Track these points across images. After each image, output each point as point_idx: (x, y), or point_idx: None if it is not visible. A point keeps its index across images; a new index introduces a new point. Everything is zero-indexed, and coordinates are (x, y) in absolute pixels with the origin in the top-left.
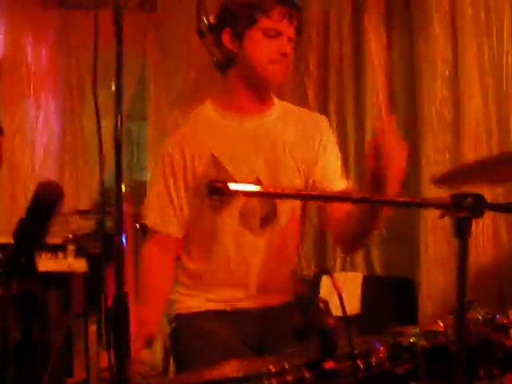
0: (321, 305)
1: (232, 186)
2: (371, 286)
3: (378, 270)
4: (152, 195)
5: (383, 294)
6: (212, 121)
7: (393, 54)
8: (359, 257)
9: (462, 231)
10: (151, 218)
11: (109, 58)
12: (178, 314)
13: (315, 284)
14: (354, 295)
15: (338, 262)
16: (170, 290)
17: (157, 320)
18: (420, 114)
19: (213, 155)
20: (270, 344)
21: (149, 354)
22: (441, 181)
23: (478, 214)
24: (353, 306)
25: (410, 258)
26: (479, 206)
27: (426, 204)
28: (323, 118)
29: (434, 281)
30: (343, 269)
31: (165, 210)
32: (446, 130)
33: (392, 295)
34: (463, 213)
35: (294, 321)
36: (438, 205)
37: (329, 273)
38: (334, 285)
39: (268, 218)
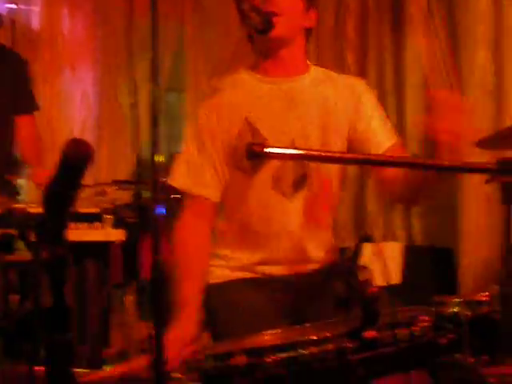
0: (363, 273)
1: (270, 150)
2: (412, 255)
3: (419, 239)
4: (186, 157)
5: (424, 263)
6: (247, 84)
7: (434, 21)
8: (399, 226)
9: (507, 196)
10: (184, 180)
11: (146, 30)
12: (208, 285)
13: (357, 252)
14: (395, 265)
15: (378, 231)
16: (208, 262)
17: (196, 312)
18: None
19: (246, 118)
20: (307, 312)
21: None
22: (482, 144)
23: None
24: (393, 275)
25: (451, 228)
26: None
27: (470, 169)
28: (362, 81)
29: (475, 251)
30: (384, 238)
31: (201, 172)
32: (487, 98)
33: (432, 265)
34: (509, 177)
35: (335, 289)
36: (483, 169)
37: (371, 240)
38: (377, 252)
39: (301, 182)
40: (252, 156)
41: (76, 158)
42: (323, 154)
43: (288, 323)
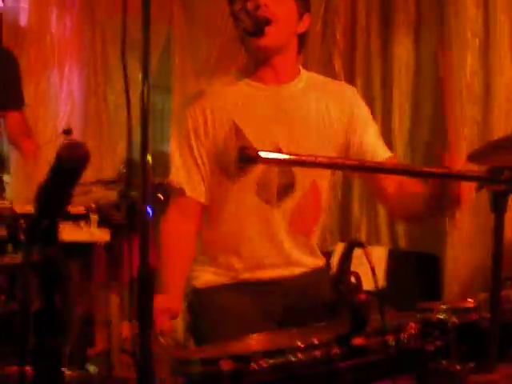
0: (352, 279)
1: (263, 154)
2: (396, 260)
3: (403, 244)
4: (177, 156)
5: (408, 268)
6: (236, 89)
7: (421, 27)
8: (384, 231)
9: (498, 206)
10: (178, 178)
11: (132, 29)
12: (194, 288)
13: (347, 257)
14: (379, 269)
15: (363, 235)
16: (191, 260)
17: (180, 293)
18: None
19: (234, 122)
20: (293, 316)
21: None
22: (472, 157)
23: None
24: (377, 279)
25: (436, 234)
26: None
27: (462, 177)
28: (352, 88)
29: (461, 258)
30: (368, 242)
31: (191, 172)
32: (475, 102)
33: (417, 270)
34: (500, 187)
35: (322, 294)
36: (474, 178)
37: (361, 245)
38: (367, 257)
39: (286, 190)
40: (244, 160)
41: (71, 161)
42: (317, 159)
43: (274, 328)
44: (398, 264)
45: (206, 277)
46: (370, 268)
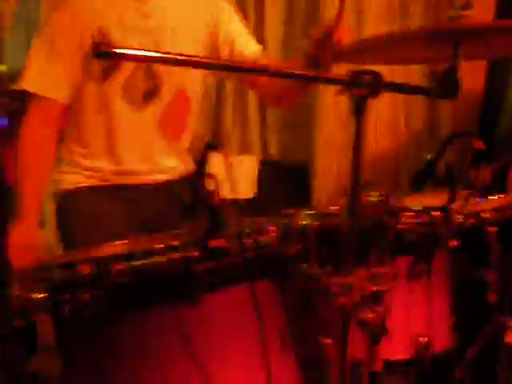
0: (208, 181)
1: (118, 50)
2: (268, 170)
3: (275, 154)
4: (36, 57)
5: (280, 178)
6: None
7: None
8: (255, 141)
9: (358, 109)
10: (34, 82)
11: None
12: (63, 190)
13: (203, 159)
14: (251, 178)
15: (234, 144)
16: (52, 166)
17: (37, 218)
18: None
19: (102, 27)
20: (158, 221)
21: (43, 234)
22: (338, 57)
23: (376, 92)
24: (249, 189)
25: (306, 144)
26: (377, 83)
27: (321, 79)
28: None
29: (329, 166)
30: (240, 152)
31: (53, 73)
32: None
33: (289, 180)
34: (361, 91)
35: (181, 197)
36: (333, 80)
37: (216, 148)
38: (224, 160)
39: (152, 93)
40: (98, 55)
41: None
42: (177, 57)
43: (140, 232)
44: (271, 174)
45: (75, 178)
46: (226, 172)
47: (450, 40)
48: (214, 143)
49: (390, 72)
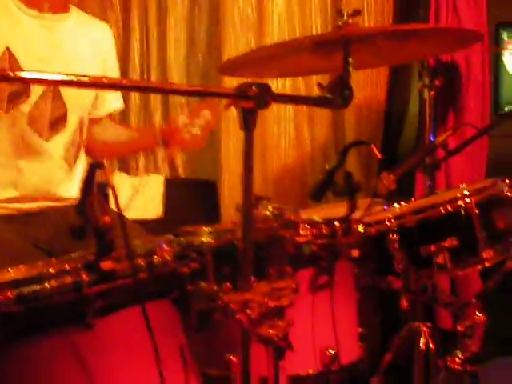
0: (96, 202)
1: (14, 73)
2: (174, 188)
3: (182, 172)
4: None
5: (187, 196)
6: (9, 12)
7: None
8: (162, 159)
9: (246, 122)
10: None
11: None
12: None
13: (89, 179)
14: (157, 198)
15: (141, 163)
16: None
17: None
18: (222, 13)
19: (8, 49)
20: (61, 246)
21: None
22: (223, 69)
23: (263, 104)
24: (155, 209)
25: (212, 160)
26: (264, 95)
27: (207, 93)
28: (109, 30)
29: (235, 183)
30: (146, 171)
31: None
32: (249, 30)
33: (196, 198)
34: (248, 103)
35: (71, 220)
36: (221, 94)
37: (100, 166)
38: (106, 177)
39: (57, 123)
40: None
41: None
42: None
43: (33, 257)
44: (177, 192)
45: None
46: (110, 187)
47: (340, 48)
48: (99, 162)
49: (293, 84)
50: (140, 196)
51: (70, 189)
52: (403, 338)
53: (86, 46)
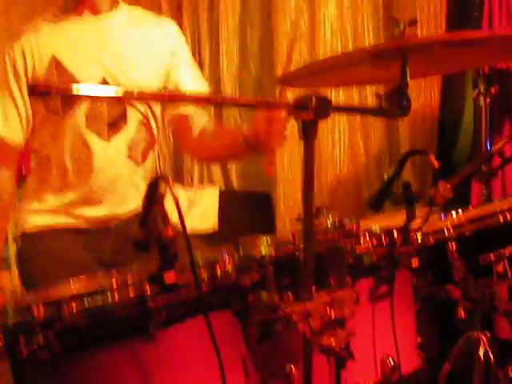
0: (159, 215)
1: (54, 90)
2: (229, 201)
3: (236, 184)
4: None
5: (241, 209)
6: (53, 23)
7: None
8: (217, 172)
9: (306, 133)
10: None
11: None
12: (24, 233)
13: (152, 191)
14: (212, 210)
15: (196, 176)
16: (10, 208)
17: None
18: (275, 25)
19: (54, 57)
20: (123, 259)
21: (8, 278)
22: (284, 80)
23: (323, 115)
24: (210, 221)
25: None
26: (324, 106)
27: (267, 105)
28: (173, 24)
29: (291, 192)
30: (201, 184)
31: (7, 115)
32: (301, 40)
33: (251, 210)
34: (308, 115)
35: (133, 232)
36: (280, 106)
37: (164, 179)
38: (170, 189)
39: (117, 123)
40: (33, 93)
41: None
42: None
43: (97, 269)
44: (232, 205)
45: (35, 219)
46: (173, 199)
47: (398, 58)
48: (163, 175)
49: (347, 94)
50: (195, 208)
51: (139, 186)
52: (462, 348)
53: (139, 42)
